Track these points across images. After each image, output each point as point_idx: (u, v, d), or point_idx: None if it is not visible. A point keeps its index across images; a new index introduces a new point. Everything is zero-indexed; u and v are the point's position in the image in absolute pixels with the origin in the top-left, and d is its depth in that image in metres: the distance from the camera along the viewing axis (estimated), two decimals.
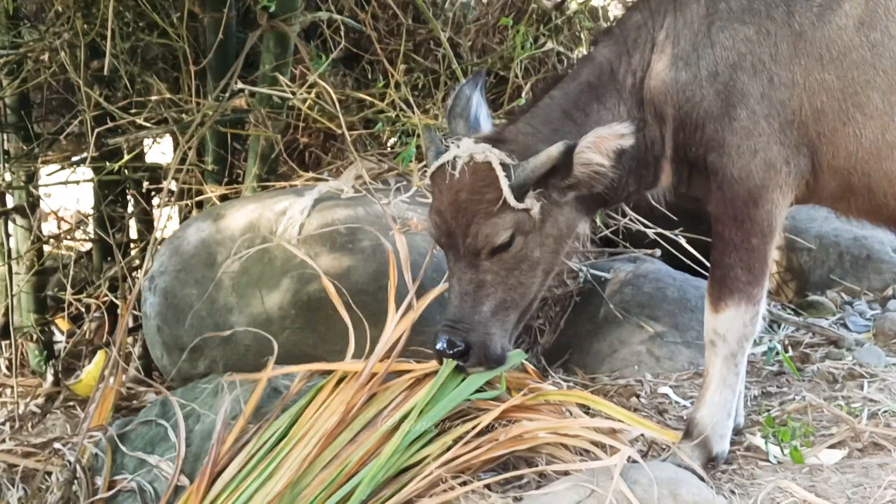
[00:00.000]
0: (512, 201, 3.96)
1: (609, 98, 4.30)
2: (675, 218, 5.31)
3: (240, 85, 5.76)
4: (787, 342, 5.73)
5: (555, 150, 3.96)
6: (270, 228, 5.13)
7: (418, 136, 5.54)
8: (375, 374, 4.42)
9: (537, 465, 4.34)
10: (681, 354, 5.36)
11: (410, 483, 4.08)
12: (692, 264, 5.66)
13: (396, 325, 4.57)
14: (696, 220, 5.38)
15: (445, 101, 4.68)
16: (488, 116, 4.31)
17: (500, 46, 6.15)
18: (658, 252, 5.82)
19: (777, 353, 5.46)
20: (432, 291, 4.73)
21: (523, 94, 5.83)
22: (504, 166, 3.97)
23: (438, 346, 4.08)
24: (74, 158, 6.96)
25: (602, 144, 3.95)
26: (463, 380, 4.32)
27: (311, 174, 5.87)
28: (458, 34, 6.12)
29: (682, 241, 5.70)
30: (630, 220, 5.72)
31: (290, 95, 5.69)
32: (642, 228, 5.70)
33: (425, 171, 4.35)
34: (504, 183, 3.94)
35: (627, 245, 5.95)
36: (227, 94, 5.81)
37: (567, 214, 4.18)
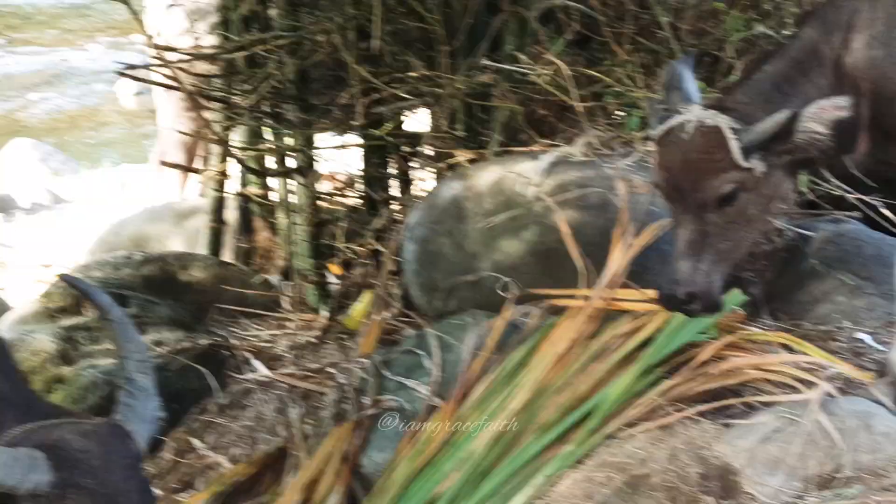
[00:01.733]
0: (740, 160, 4.05)
1: (812, 73, 4.36)
2: (873, 185, 5.29)
3: (486, 62, 5.96)
4: None
5: (781, 116, 4.05)
6: (511, 187, 5.34)
7: (640, 108, 5.66)
8: (600, 309, 4.60)
9: (744, 397, 4.47)
10: (877, 305, 5.30)
11: (633, 409, 4.27)
12: (888, 226, 5.62)
13: (618, 260, 4.72)
14: (892, 187, 5.35)
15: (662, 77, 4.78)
16: (697, 90, 4.41)
17: (714, 30, 6.16)
18: (858, 214, 5.78)
19: None
20: (649, 231, 4.89)
21: (735, 73, 5.83)
22: (732, 129, 4.08)
23: (663, 292, 4.15)
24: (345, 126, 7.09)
25: (823, 115, 4.01)
26: (684, 322, 4.47)
27: (546, 141, 6.00)
28: (677, 19, 6.15)
29: (880, 206, 5.65)
30: (832, 185, 5.69)
31: (529, 72, 5.87)
32: (843, 193, 5.67)
33: (647, 139, 4.48)
34: (734, 144, 4.05)
35: (829, 208, 5.91)
36: (474, 71, 6.02)
37: (781, 176, 4.24)
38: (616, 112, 6.24)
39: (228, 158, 7.54)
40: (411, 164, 6.96)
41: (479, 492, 4.18)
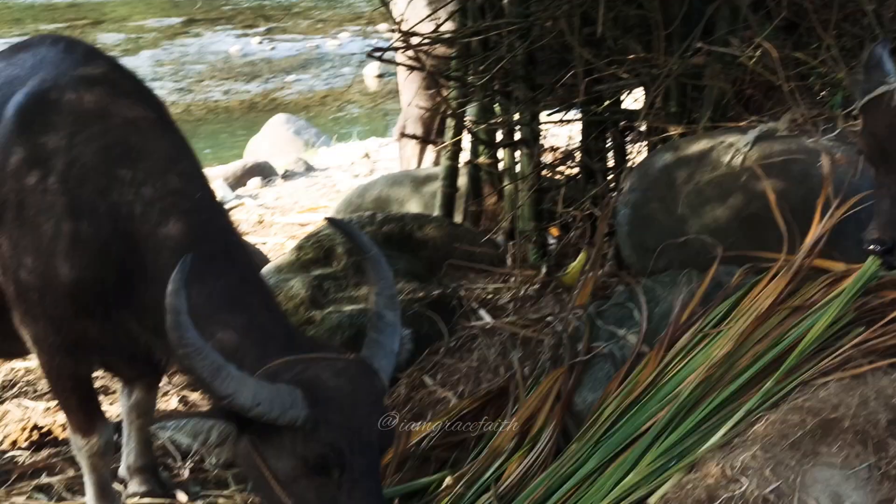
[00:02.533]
0: None
1: None
2: None
3: (700, 45, 5.94)
4: None
5: None
6: (719, 157, 5.33)
7: (843, 88, 5.55)
8: (799, 272, 4.57)
9: None
10: None
11: (827, 359, 4.24)
12: None
13: (819, 226, 4.67)
14: None
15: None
16: (893, 70, 4.32)
17: None
18: None
19: None
20: (849, 201, 4.81)
21: None
22: None
23: (868, 245, 4.06)
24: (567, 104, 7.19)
25: None
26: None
27: (753, 117, 5.95)
28: (881, 6, 5.98)
29: None
30: None
31: (739, 54, 5.81)
32: None
33: (852, 113, 4.41)
34: None
35: None
36: (688, 54, 6.00)
37: None
38: (820, 92, 6.14)
39: (462, 131, 7.72)
40: (626, 137, 7.00)
41: (681, 428, 4.22)
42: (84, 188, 4.57)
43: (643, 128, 6.51)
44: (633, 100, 7.29)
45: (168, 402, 6.90)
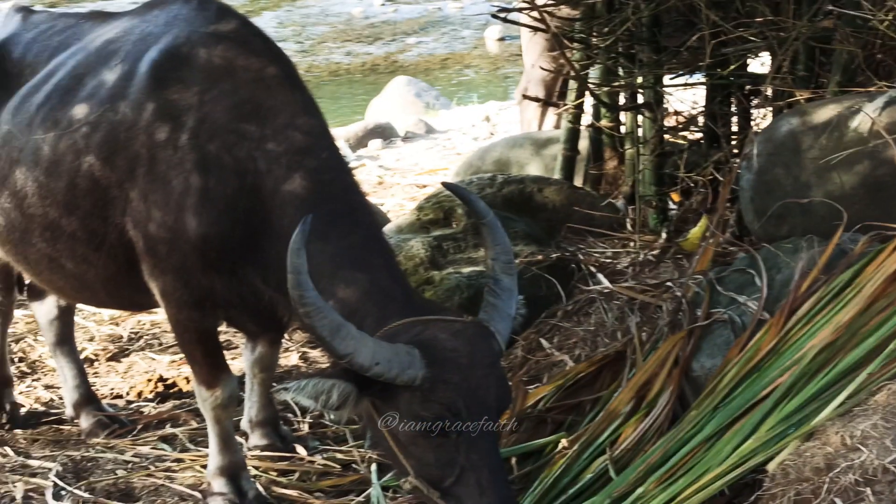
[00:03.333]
0: None
1: None
2: None
3: (829, 8, 5.82)
4: None
5: None
6: (847, 123, 5.24)
7: None
8: None
9: None
10: None
11: None
12: None
13: None
14: None
15: None
16: None
17: None
18: None
19: None
20: None
21: None
22: None
23: None
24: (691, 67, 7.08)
25: None
26: None
27: (883, 83, 5.82)
28: None
29: None
30: None
31: (870, 17, 5.68)
32: None
33: None
34: None
35: None
36: (817, 17, 5.89)
37: None
38: None
39: (585, 94, 7.72)
40: (752, 102, 6.90)
41: (800, 396, 4.20)
42: (213, 144, 4.71)
43: (769, 92, 6.41)
44: (760, 63, 7.20)
45: (288, 357, 7.10)
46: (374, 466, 5.21)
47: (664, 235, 6.94)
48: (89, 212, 4.99)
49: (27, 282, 6.12)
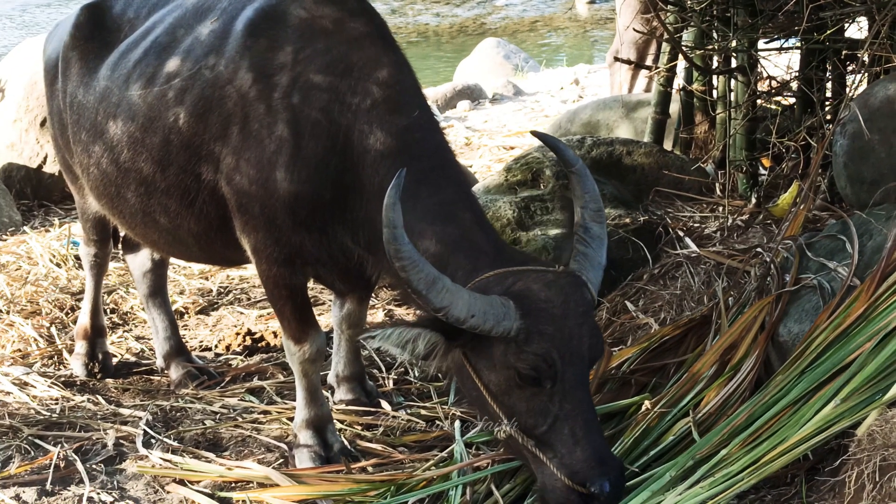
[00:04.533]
0: None
1: None
2: None
3: None
4: None
5: None
6: None
7: None
8: None
9: None
10: None
11: None
12: None
13: None
14: None
15: None
16: None
17: None
18: None
19: None
20: None
21: None
22: None
23: None
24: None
25: None
26: None
27: None
28: None
29: None
30: None
31: None
32: None
33: None
34: None
35: None
36: None
37: None
38: None
39: (677, 57, 7.68)
40: (848, 67, 6.81)
41: (888, 361, 4.18)
42: (306, 103, 4.79)
43: (865, 58, 6.31)
44: (857, 28, 7.08)
45: (375, 315, 7.22)
46: (457, 423, 5.29)
47: (753, 201, 6.93)
48: (182, 167, 5.12)
49: (122, 234, 6.29)
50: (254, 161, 4.84)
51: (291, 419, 5.48)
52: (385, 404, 5.81)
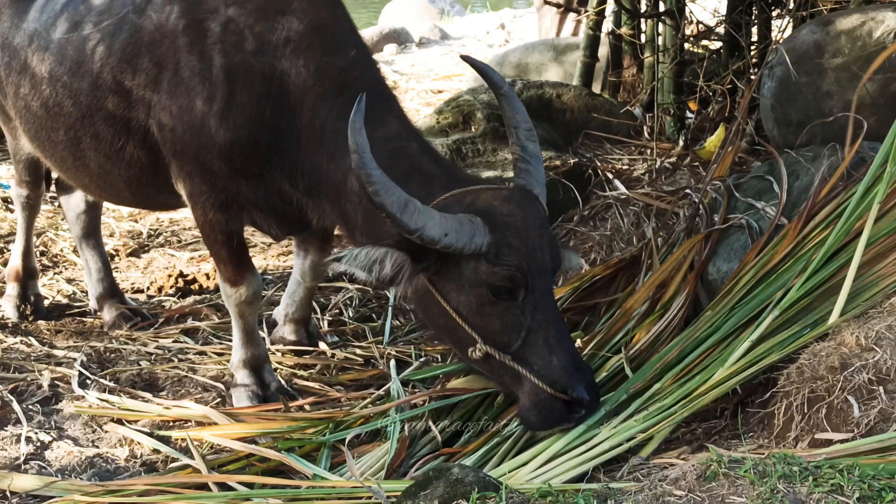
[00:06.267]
0: None
1: None
2: None
3: None
4: None
5: None
6: (870, 32, 5.24)
7: None
8: None
9: None
10: None
11: None
12: None
13: None
14: None
15: None
16: None
17: None
18: None
19: None
20: None
21: None
22: None
23: None
24: None
25: None
26: None
27: None
28: None
29: None
30: None
31: None
32: None
33: None
34: None
35: None
36: None
37: None
38: None
39: (606, 0, 7.70)
40: (773, 12, 6.90)
41: (815, 294, 4.27)
42: (238, 49, 4.71)
43: (791, 3, 6.38)
44: None
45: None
46: (392, 362, 5.32)
47: (681, 143, 6.99)
48: (111, 113, 5.02)
49: (55, 176, 6.18)
50: (187, 108, 4.76)
51: (227, 360, 5.45)
52: (323, 345, 5.81)
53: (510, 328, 4.13)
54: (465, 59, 4.89)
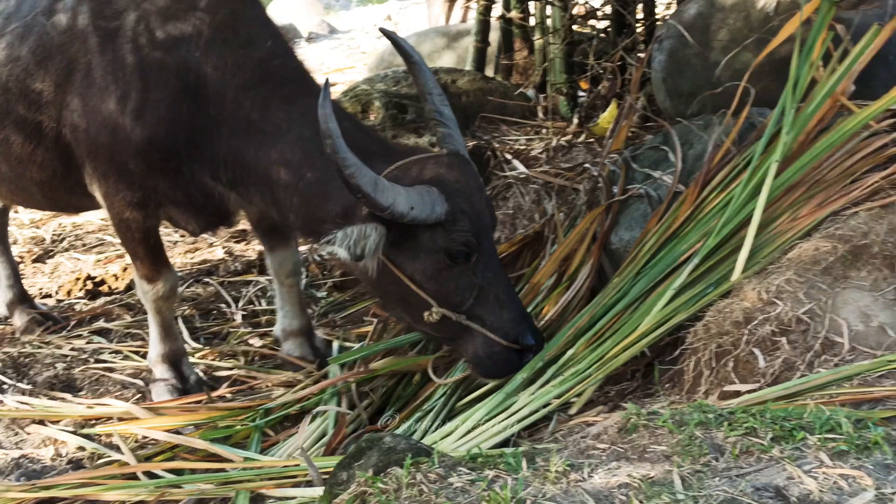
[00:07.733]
0: None
1: None
2: None
3: None
4: None
5: None
6: (753, 3, 5.40)
7: None
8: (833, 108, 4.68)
9: None
10: None
11: (857, 190, 4.36)
12: None
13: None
14: None
15: None
16: None
17: None
18: None
19: None
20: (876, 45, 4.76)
21: None
22: None
23: None
24: None
25: None
26: None
27: None
28: None
29: None
30: None
31: None
32: None
33: None
34: None
35: None
36: None
37: None
38: None
39: None
40: None
41: (717, 254, 4.42)
42: (151, 46, 4.67)
43: None
44: None
45: (213, 252, 7.17)
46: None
47: (575, 121, 7.11)
48: (22, 116, 4.95)
49: None
50: (101, 109, 4.71)
51: (143, 357, 5.43)
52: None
53: (463, 289, 4.27)
54: (384, 31, 4.88)
